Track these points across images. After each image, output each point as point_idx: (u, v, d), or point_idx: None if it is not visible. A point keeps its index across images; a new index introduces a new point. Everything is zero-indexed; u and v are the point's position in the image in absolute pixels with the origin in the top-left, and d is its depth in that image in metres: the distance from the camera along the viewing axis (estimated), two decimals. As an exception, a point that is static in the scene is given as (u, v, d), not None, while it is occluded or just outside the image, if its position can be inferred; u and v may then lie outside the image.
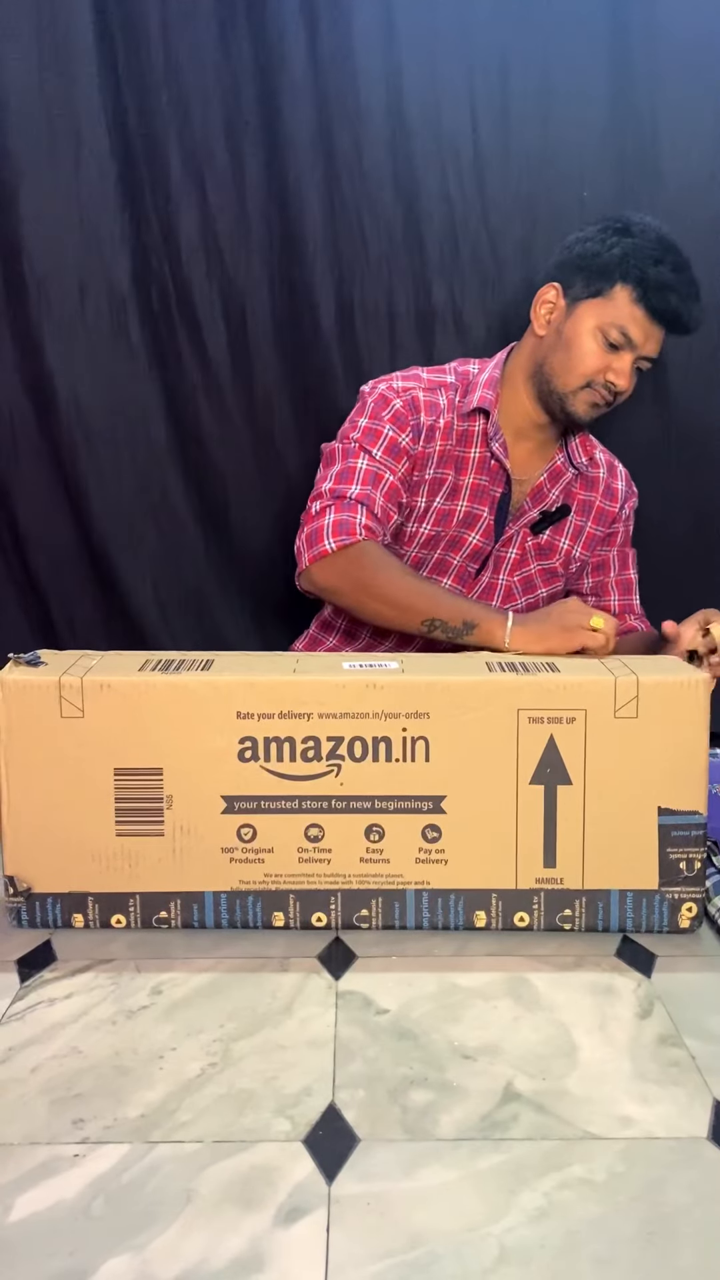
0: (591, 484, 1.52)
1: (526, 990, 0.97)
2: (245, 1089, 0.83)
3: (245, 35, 1.55)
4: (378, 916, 1.07)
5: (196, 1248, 0.68)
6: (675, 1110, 0.80)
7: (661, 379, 1.63)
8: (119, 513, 1.65)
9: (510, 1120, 0.79)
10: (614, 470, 1.55)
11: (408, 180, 1.60)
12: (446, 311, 1.64)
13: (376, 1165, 0.75)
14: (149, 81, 1.54)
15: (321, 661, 1.13)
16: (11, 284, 1.57)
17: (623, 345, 1.36)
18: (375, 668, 1.08)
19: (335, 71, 1.56)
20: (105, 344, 1.61)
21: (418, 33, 1.56)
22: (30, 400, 1.61)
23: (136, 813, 1.05)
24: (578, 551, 1.52)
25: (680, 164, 1.59)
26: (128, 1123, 0.79)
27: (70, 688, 1.04)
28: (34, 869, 1.07)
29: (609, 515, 1.53)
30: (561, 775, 1.04)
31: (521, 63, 1.57)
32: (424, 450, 1.41)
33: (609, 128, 1.59)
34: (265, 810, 1.05)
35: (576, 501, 1.51)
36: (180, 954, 1.03)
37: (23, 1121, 0.79)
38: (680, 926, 1.06)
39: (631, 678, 1.03)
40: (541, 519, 1.49)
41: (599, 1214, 0.70)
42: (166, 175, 1.57)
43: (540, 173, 1.60)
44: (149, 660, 1.09)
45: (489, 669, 1.08)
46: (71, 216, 1.55)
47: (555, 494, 1.49)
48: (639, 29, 1.56)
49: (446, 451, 1.43)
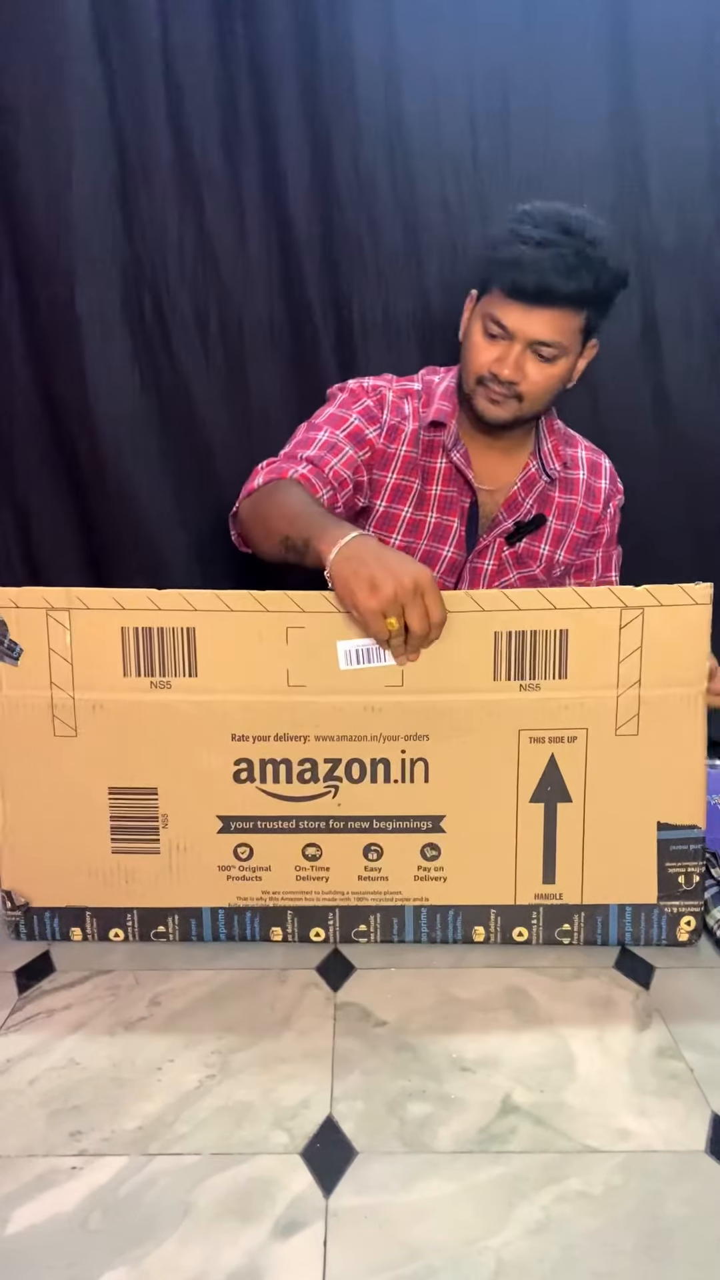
0: (571, 487, 1.48)
1: (525, 1002, 0.97)
2: (243, 1101, 0.83)
3: (243, 45, 1.56)
4: (376, 932, 1.07)
5: (194, 1261, 0.68)
6: (673, 1123, 0.80)
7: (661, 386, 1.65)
8: (120, 529, 1.66)
9: (508, 1133, 0.79)
10: (597, 469, 1.51)
11: (407, 191, 1.61)
12: (445, 322, 1.64)
13: (374, 1178, 0.75)
14: (148, 90, 1.56)
15: (315, 644, 1.03)
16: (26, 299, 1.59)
17: (499, 335, 1.32)
18: (373, 648, 1.02)
19: (335, 82, 1.57)
20: (107, 354, 1.62)
21: (418, 44, 1.57)
22: (34, 405, 1.63)
23: (132, 831, 1.05)
24: (561, 555, 1.49)
25: (678, 173, 1.60)
26: (126, 1135, 0.79)
27: (63, 707, 1.03)
28: (31, 883, 1.07)
29: (592, 517, 1.49)
30: (562, 793, 1.04)
31: (521, 73, 1.58)
32: (386, 449, 1.40)
33: (608, 137, 1.60)
34: (262, 830, 1.05)
35: (556, 506, 1.48)
36: (179, 965, 1.03)
37: (20, 1133, 0.79)
38: (679, 940, 1.06)
39: (634, 693, 1.03)
40: (516, 530, 1.48)
41: (597, 1227, 0.70)
42: (165, 184, 1.58)
43: (540, 182, 1.61)
44: (124, 628, 1.03)
45: (494, 668, 1.03)
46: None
47: (530, 503, 1.47)
48: (638, 41, 1.57)
49: (413, 459, 1.42)
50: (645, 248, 1.61)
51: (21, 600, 1.03)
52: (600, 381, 1.64)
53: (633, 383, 1.64)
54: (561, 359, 1.33)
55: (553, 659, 1.04)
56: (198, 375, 1.63)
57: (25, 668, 1.04)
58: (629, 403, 1.65)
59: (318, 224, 1.61)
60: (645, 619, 1.03)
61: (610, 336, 1.63)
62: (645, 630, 1.03)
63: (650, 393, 1.64)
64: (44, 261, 1.56)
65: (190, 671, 1.03)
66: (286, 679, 1.03)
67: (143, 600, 1.03)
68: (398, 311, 1.63)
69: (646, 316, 1.62)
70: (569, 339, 1.32)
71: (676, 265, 1.60)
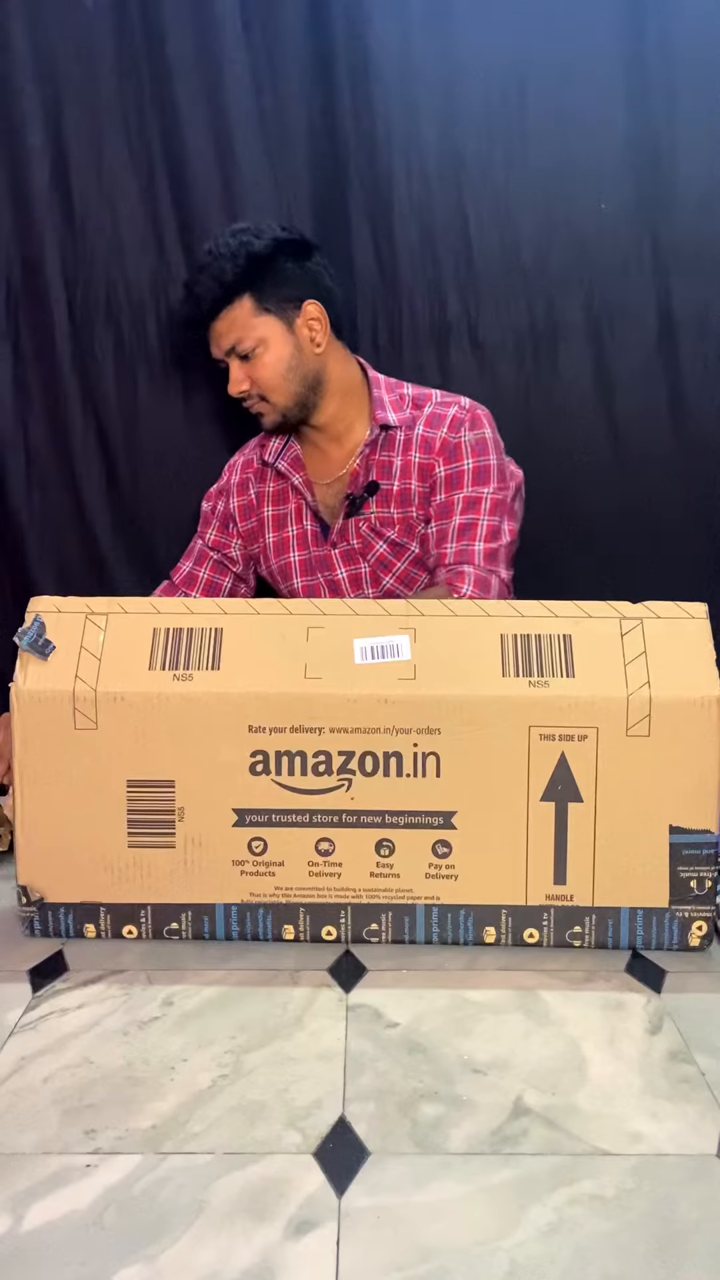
0: (407, 446, 1.48)
1: (537, 1005, 0.97)
2: (256, 1101, 0.83)
3: (260, 46, 1.57)
4: (387, 931, 1.07)
5: (208, 1259, 0.68)
6: (685, 1127, 0.81)
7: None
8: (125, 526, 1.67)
9: (520, 1135, 0.79)
10: (437, 421, 1.48)
11: (423, 193, 1.61)
12: (461, 324, 1.65)
13: (387, 1179, 0.75)
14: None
15: (333, 641, 1.06)
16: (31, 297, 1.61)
17: (218, 362, 1.48)
18: (389, 644, 1.06)
19: (350, 86, 1.58)
20: (119, 360, 1.64)
21: (436, 46, 1.57)
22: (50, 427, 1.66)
23: (148, 824, 1.06)
24: (415, 512, 1.48)
25: (696, 175, 1.60)
26: (139, 1133, 0.80)
27: (84, 700, 1.04)
28: (47, 879, 1.07)
29: (427, 468, 1.47)
30: (573, 793, 1.04)
31: (539, 76, 1.58)
32: (229, 505, 1.60)
33: (626, 140, 1.60)
34: (276, 824, 1.06)
35: (394, 466, 1.49)
36: (191, 965, 1.04)
37: (35, 1131, 0.80)
38: (690, 945, 1.06)
39: (645, 694, 1.03)
40: (351, 503, 1.50)
41: (609, 1230, 0.70)
42: (186, 188, 1.59)
43: (558, 185, 1.61)
44: (156, 629, 1.07)
45: (502, 664, 1.05)
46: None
47: (364, 474, 1.50)
48: (655, 44, 1.57)
49: (258, 496, 1.58)
50: (663, 251, 1.61)
51: (65, 606, 1.08)
52: (617, 385, 1.65)
53: (650, 386, 1.65)
54: (266, 345, 1.44)
55: (559, 659, 1.05)
56: (210, 379, 1.64)
57: (51, 663, 1.06)
58: (646, 406, 1.65)
59: (334, 226, 1.62)
60: (644, 628, 1.05)
61: (627, 340, 1.64)
62: (646, 638, 1.05)
63: (667, 396, 1.64)
64: None
65: (214, 665, 1.05)
66: (304, 672, 1.05)
67: (179, 607, 1.09)
68: (415, 313, 1.63)
69: (664, 320, 1.63)
70: (247, 329, 1.43)
71: (694, 268, 1.60)
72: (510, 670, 1.05)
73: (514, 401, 1.62)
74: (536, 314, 1.63)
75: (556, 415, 1.65)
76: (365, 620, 1.07)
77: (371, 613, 1.08)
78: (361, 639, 1.06)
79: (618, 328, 1.62)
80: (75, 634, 1.07)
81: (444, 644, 1.06)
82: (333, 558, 1.52)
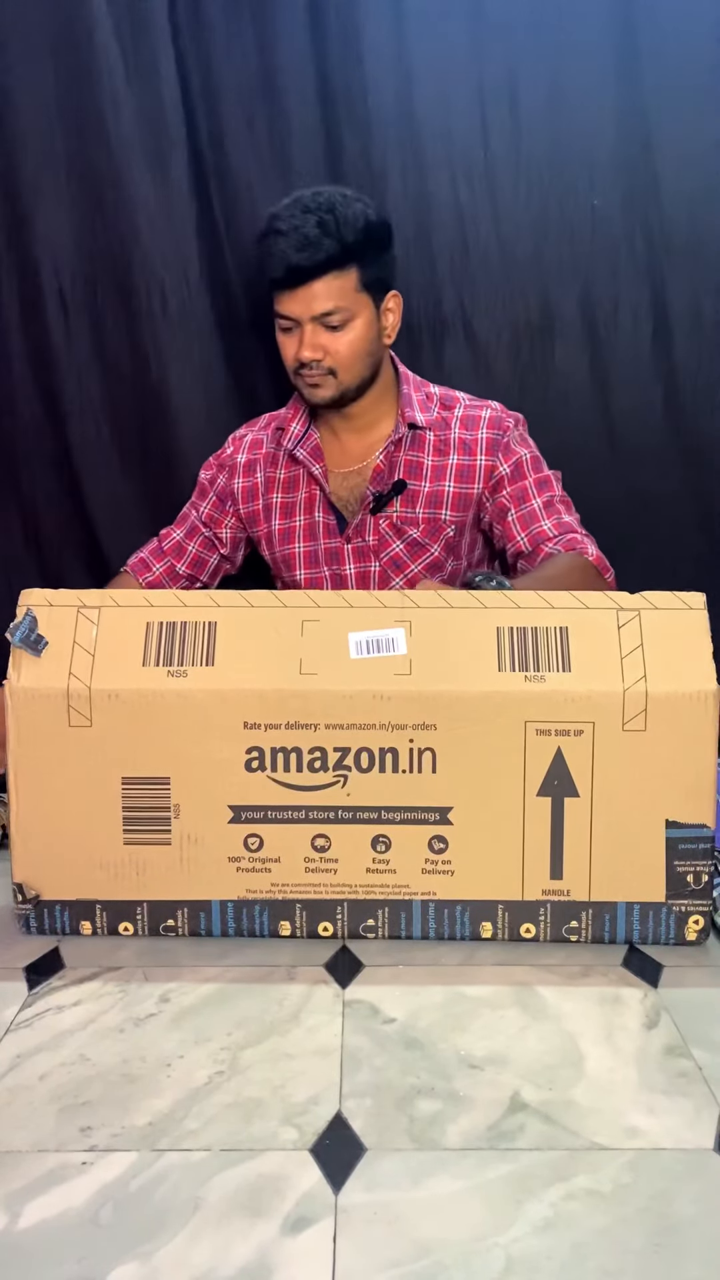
0: (443, 449, 1.49)
1: (533, 1000, 0.97)
2: (253, 1097, 0.83)
3: (252, 44, 1.56)
4: (384, 926, 1.07)
5: (204, 1256, 0.68)
6: (682, 1121, 0.80)
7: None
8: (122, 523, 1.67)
9: (517, 1130, 0.79)
10: (473, 423, 1.50)
11: (417, 189, 1.61)
12: (456, 320, 1.65)
13: (383, 1175, 0.75)
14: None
15: (328, 635, 1.06)
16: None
17: (290, 326, 1.42)
18: (384, 638, 1.05)
19: (344, 81, 1.57)
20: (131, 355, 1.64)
21: (428, 43, 1.57)
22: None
23: (144, 821, 1.06)
24: (447, 515, 1.49)
25: (687, 172, 1.60)
26: (136, 1130, 0.79)
27: (78, 697, 1.04)
28: (42, 876, 1.07)
29: (470, 470, 1.48)
30: (569, 788, 1.04)
31: (531, 73, 1.58)
32: (232, 484, 1.57)
33: (617, 137, 1.59)
34: (272, 820, 1.06)
35: (425, 467, 1.49)
36: (188, 962, 1.03)
37: (31, 1129, 0.80)
38: (687, 939, 1.06)
39: (641, 688, 1.03)
40: (376, 500, 1.50)
41: (606, 1225, 0.70)
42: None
43: (550, 181, 1.61)
44: (149, 623, 1.06)
45: (498, 659, 1.04)
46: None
47: (398, 471, 1.49)
48: (645, 41, 1.56)
49: (274, 479, 1.55)
50: (656, 246, 1.61)
51: (56, 600, 1.07)
52: (612, 382, 1.64)
53: (645, 382, 1.65)
54: (354, 321, 1.41)
55: (555, 653, 1.04)
56: (204, 374, 1.64)
57: (45, 660, 1.05)
58: (641, 402, 1.65)
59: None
60: (642, 619, 1.05)
61: (621, 336, 1.64)
62: (644, 630, 1.05)
63: (662, 392, 1.64)
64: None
65: (208, 661, 1.05)
66: (300, 667, 1.05)
67: (171, 599, 1.08)
68: (409, 310, 1.62)
69: (658, 315, 1.62)
70: (348, 299, 1.39)
71: (687, 263, 1.60)
72: (506, 664, 1.04)
73: (509, 396, 1.62)
74: (531, 309, 1.63)
75: (552, 409, 1.65)
76: (360, 613, 1.07)
77: (366, 605, 1.07)
78: (356, 633, 1.06)
79: (613, 322, 1.62)
80: (68, 628, 1.07)
81: (440, 637, 1.06)
82: (344, 552, 1.51)
